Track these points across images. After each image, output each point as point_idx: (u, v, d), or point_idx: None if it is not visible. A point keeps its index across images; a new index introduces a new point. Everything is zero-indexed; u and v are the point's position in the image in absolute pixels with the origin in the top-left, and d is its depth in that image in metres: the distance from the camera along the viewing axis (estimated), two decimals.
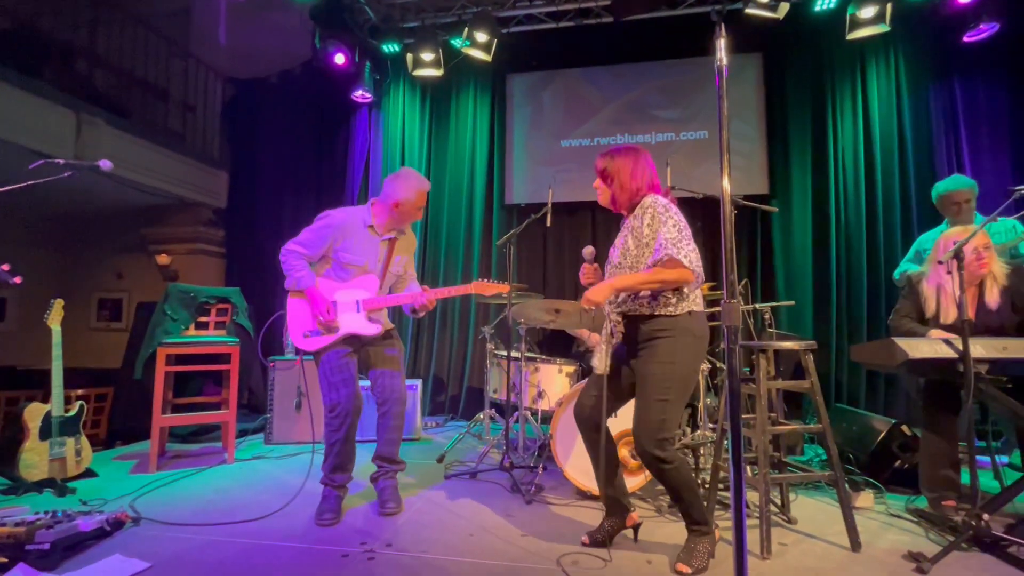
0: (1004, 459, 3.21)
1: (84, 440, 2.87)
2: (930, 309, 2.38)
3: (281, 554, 1.95)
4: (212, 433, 3.93)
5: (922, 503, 2.39)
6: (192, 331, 3.51)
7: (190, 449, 3.65)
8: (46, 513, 2.03)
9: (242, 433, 3.97)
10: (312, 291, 2.36)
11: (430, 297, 2.43)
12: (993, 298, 2.28)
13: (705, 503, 2.35)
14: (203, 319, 3.60)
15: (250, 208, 5.62)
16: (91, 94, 4.72)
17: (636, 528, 2.09)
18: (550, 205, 3.21)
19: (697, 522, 1.88)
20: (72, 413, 2.84)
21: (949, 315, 2.29)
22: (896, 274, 3.31)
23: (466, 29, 4.58)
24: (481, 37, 4.57)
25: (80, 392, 4.37)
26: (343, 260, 2.41)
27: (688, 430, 3.32)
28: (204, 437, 3.91)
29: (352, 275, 2.43)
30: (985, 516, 1.92)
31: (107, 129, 4.50)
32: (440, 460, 3.25)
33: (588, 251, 2.16)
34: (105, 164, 2.36)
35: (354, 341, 2.43)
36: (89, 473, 2.88)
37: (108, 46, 5.07)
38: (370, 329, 2.40)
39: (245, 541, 2.06)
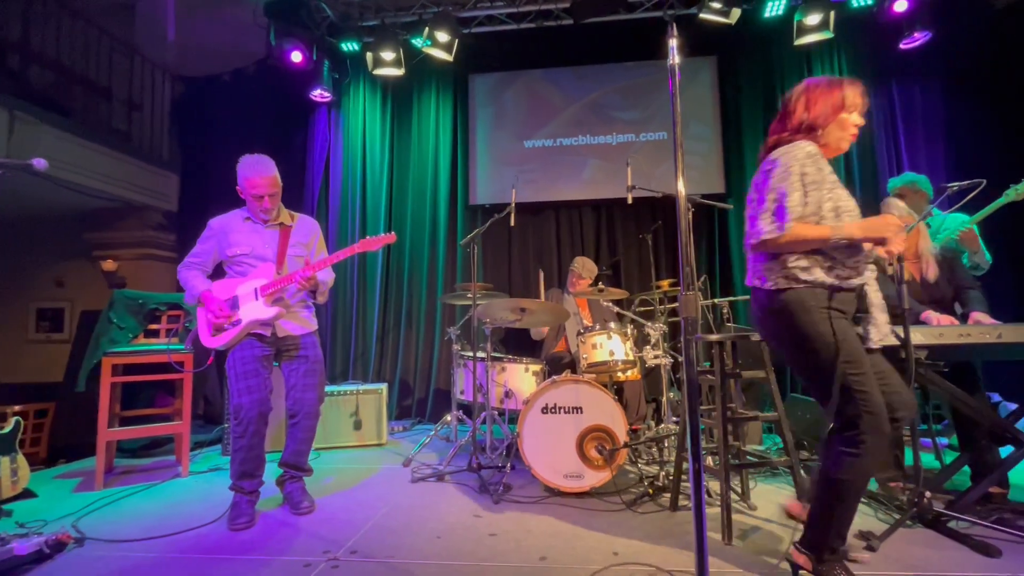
0: (944, 440, 3.41)
1: (21, 459, 2.68)
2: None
3: (239, 568, 1.87)
4: (165, 446, 3.75)
5: (872, 485, 2.51)
6: (142, 339, 3.34)
7: (141, 464, 3.46)
8: None
9: (197, 445, 3.80)
10: (205, 295, 2.36)
11: (310, 270, 2.35)
12: (932, 273, 2.51)
13: (670, 494, 2.40)
14: (153, 327, 3.43)
15: (203, 211, 5.27)
16: (25, 91, 4.43)
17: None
18: (513, 205, 3.22)
19: None
20: (7, 430, 2.64)
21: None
22: None
23: (427, 29, 4.54)
24: (442, 37, 4.55)
25: (17, 408, 4.08)
26: (231, 255, 2.42)
27: (652, 424, 3.39)
28: (156, 451, 3.73)
29: (252, 267, 2.42)
30: (927, 494, 2.03)
31: (44, 128, 4.23)
32: (407, 464, 3.20)
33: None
34: (39, 163, 2.20)
35: (265, 338, 2.39)
36: (27, 494, 2.70)
37: (44, 42, 4.77)
38: (267, 313, 2.35)
39: (201, 556, 1.97)
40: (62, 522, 2.33)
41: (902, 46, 4.26)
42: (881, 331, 1.65)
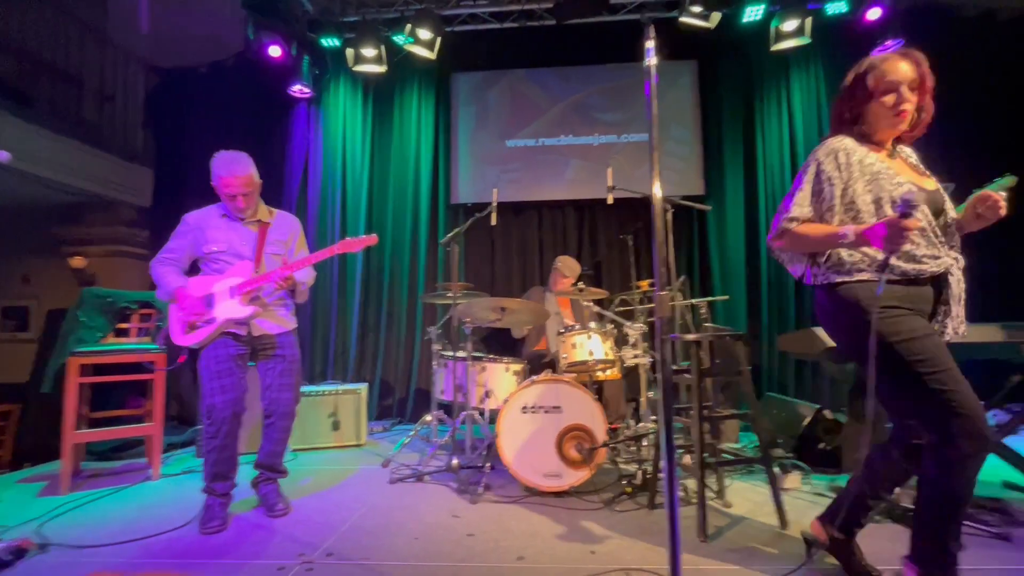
0: None
1: None
2: None
3: (212, 572, 1.83)
4: (136, 448, 3.65)
5: (843, 481, 2.57)
6: (111, 339, 3.25)
7: (110, 467, 3.36)
8: None
9: (170, 447, 3.71)
10: (180, 291, 2.29)
11: (288, 270, 2.31)
12: None
13: (648, 491, 2.42)
14: (123, 326, 3.34)
15: (178, 207, 5.10)
16: None
17: None
18: (495, 204, 3.21)
19: None
20: None
21: None
22: None
23: (409, 26, 4.50)
24: (424, 34, 4.51)
25: None
26: (207, 252, 2.36)
27: (632, 423, 3.42)
28: (127, 453, 3.62)
29: (229, 265, 2.37)
30: (896, 490, 2.08)
31: (7, 118, 4.09)
32: (385, 465, 3.17)
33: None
34: (2, 155, 2.13)
35: (240, 337, 2.35)
36: None
37: (8, 26, 4.60)
38: (243, 312, 2.31)
39: (172, 561, 1.92)
40: (24, 527, 2.26)
41: (874, 54, 4.36)
42: (955, 325, 1.47)
